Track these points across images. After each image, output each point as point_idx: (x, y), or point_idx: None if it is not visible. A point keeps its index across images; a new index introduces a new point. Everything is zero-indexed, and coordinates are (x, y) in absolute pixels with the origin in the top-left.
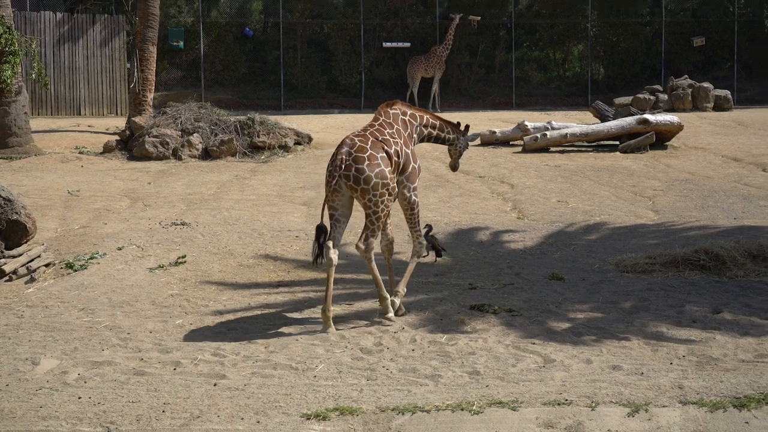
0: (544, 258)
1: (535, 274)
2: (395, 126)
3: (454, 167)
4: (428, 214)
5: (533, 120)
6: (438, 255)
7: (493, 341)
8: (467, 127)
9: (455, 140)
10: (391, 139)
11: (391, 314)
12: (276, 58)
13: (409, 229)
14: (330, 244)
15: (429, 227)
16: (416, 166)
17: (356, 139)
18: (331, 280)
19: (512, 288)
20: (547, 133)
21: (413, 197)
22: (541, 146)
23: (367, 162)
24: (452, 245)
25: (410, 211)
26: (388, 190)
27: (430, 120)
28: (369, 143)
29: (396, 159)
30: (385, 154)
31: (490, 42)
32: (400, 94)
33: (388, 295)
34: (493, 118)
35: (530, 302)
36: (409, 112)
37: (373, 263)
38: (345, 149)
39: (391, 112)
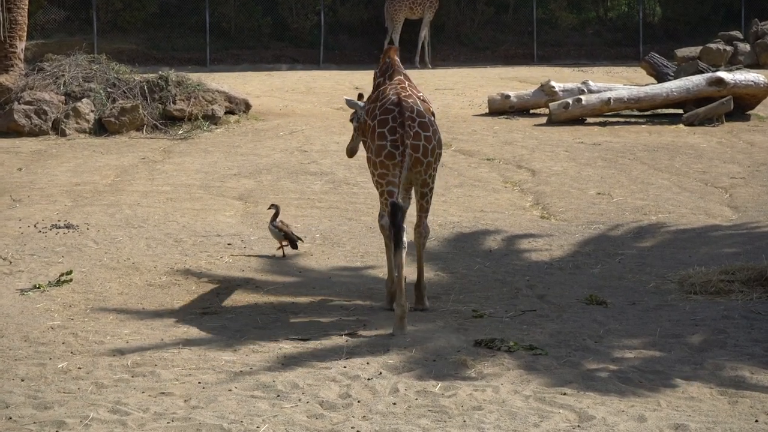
0: (578, 274)
1: (565, 296)
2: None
3: (353, 151)
4: (415, 212)
5: (562, 79)
6: (293, 246)
7: (507, 391)
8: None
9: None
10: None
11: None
12: None
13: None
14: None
15: (276, 208)
16: None
17: (410, 101)
18: (403, 269)
19: (534, 316)
20: (582, 97)
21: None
22: (573, 116)
23: (432, 129)
24: (449, 255)
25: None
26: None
27: None
28: (422, 105)
29: None
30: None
31: None
32: (375, 42)
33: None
34: (506, 76)
35: (559, 336)
36: None
37: None
38: (407, 114)
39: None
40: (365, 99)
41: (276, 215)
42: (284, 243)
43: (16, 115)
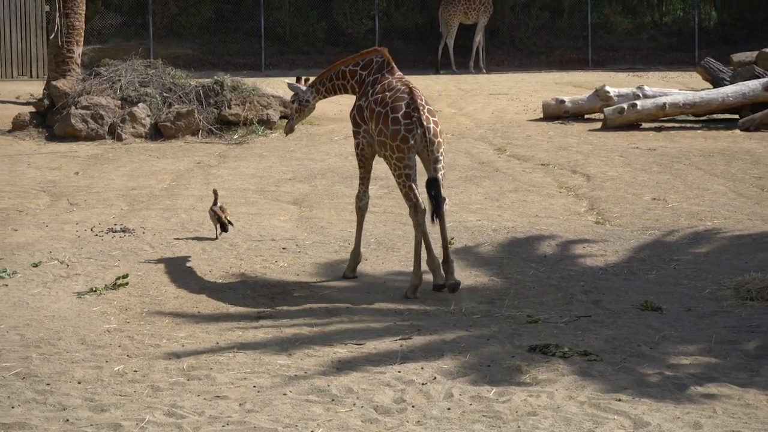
0: (633, 279)
1: (620, 302)
2: None
3: (291, 129)
4: (469, 217)
5: (617, 84)
6: (224, 229)
7: (561, 397)
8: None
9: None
10: None
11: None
12: None
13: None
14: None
15: (215, 193)
16: None
17: (416, 90)
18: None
19: (588, 322)
20: (638, 103)
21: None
22: (628, 121)
23: (435, 115)
24: (503, 260)
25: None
26: None
27: None
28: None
29: None
30: None
31: None
32: (429, 46)
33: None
34: (560, 81)
35: (614, 342)
36: None
37: None
38: (419, 101)
39: None
40: (302, 82)
41: (216, 201)
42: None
43: (74, 119)
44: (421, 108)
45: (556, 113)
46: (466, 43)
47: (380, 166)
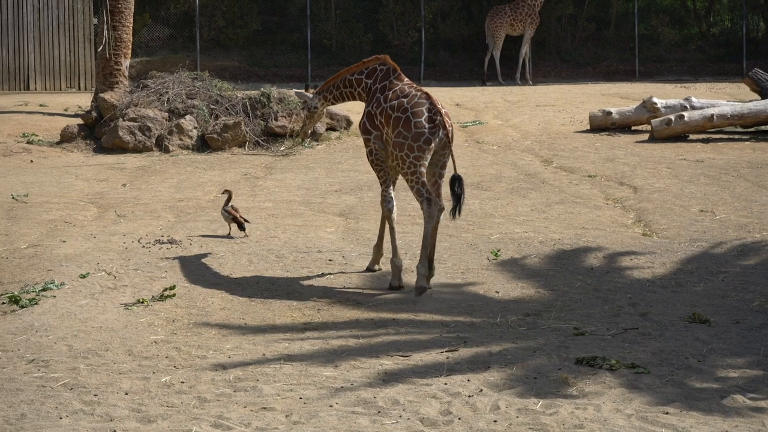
0: (681, 292)
1: (668, 314)
2: None
3: (306, 134)
4: (516, 228)
5: (664, 96)
6: (241, 228)
7: (609, 410)
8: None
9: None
10: None
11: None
12: (301, 10)
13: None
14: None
15: (228, 194)
16: None
17: (432, 96)
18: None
19: (636, 334)
20: (685, 114)
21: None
22: (676, 133)
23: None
24: (550, 272)
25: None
26: None
27: None
28: None
29: None
30: None
31: None
32: (475, 58)
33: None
34: (607, 92)
35: (662, 355)
36: None
37: None
38: (438, 106)
39: None
40: (309, 91)
41: (228, 201)
42: (230, 226)
43: (121, 131)
44: (442, 111)
45: (602, 125)
46: (512, 54)
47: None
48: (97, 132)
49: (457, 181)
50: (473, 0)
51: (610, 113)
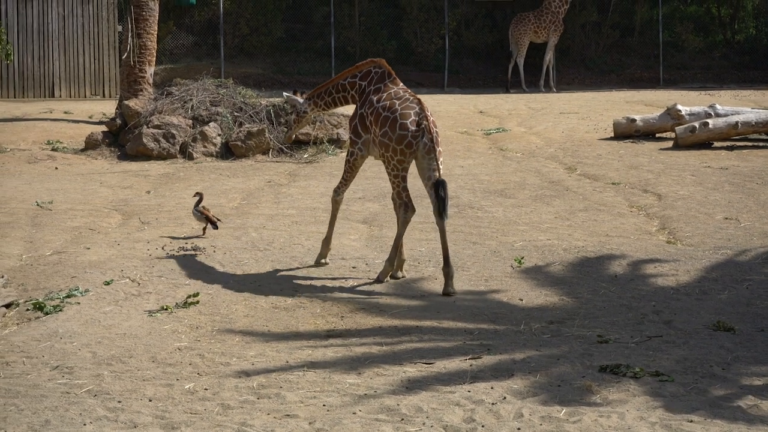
0: (705, 299)
1: (692, 322)
2: None
3: (290, 138)
4: (540, 236)
5: (689, 103)
6: (214, 227)
7: (632, 417)
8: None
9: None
10: None
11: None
12: (325, 17)
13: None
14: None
15: (199, 196)
16: None
17: (422, 101)
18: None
19: (660, 342)
20: (710, 121)
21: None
22: (700, 140)
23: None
24: (573, 280)
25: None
26: None
27: None
28: None
29: None
30: None
31: None
32: (499, 65)
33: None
34: (631, 99)
35: (686, 362)
36: None
37: None
38: (426, 111)
39: None
40: (299, 95)
41: (199, 202)
42: (205, 225)
43: (145, 138)
44: (429, 118)
45: (626, 132)
46: (536, 61)
47: (450, 185)
48: (122, 139)
49: (440, 185)
50: (497, 7)
51: (634, 120)
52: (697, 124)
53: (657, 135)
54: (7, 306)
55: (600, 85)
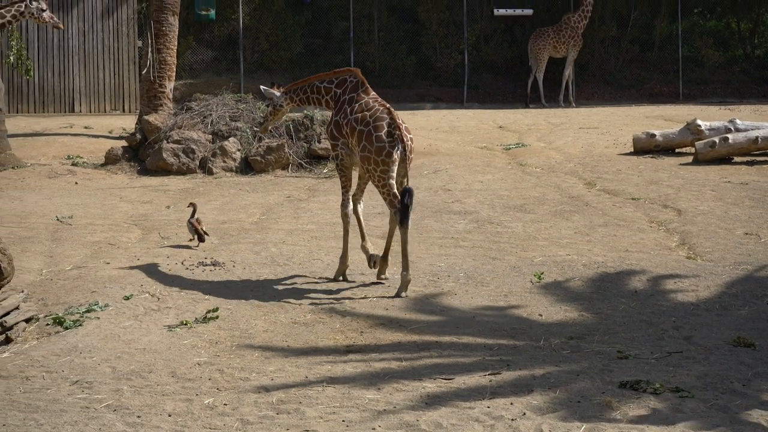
0: (725, 315)
1: (712, 337)
2: None
3: (266, 130)
4: (559, 251)
5: (709, 118)
6: (201, 240)
7: None
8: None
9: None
10: None
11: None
12: (344, 32)
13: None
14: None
15: (193, 207)
16: None
17: (393, 110)
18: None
19: (680, 358)
20: (729, 136)
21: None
22: (720, 155)
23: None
24: (593, 295)
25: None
26: None
27: None
28: None
29: None
30: None
31: (646, 7)
32: (518, 80)
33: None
34: (651, 114)
35: (706, 378)
36: None
37: None
38: (398, 121)
39: None
40: (275, 88)
41: (193, 213)
42: (192, 237)
43: (165, 153)
44: (401, 126)
45: (646, 147)
46: (555, 76)
47: (470, 200)
48: (141, 154)
49: (407, 193)
50: (516, 22)
51: (653, 135)
52: (717, 139)
53: (677, 150)
54: (28, 320)
55: (619, 100)
